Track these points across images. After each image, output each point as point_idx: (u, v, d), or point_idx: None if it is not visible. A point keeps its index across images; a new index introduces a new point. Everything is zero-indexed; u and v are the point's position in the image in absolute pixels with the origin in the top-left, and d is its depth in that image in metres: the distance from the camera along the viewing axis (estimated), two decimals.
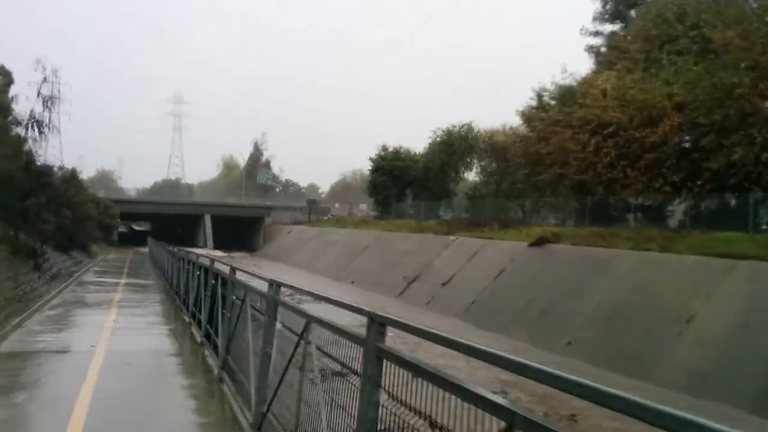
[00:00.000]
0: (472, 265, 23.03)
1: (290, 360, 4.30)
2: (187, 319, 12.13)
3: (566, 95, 31.03)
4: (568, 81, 32.31)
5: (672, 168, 25.30)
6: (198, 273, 11.12)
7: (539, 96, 33.82)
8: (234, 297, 7.40)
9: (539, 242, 20.93)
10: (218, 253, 47.33)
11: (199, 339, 10.09)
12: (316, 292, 4.18)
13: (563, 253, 19.64)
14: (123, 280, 22.10)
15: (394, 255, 28.77)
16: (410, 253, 27.86)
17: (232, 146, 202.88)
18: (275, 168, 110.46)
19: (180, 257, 15.29)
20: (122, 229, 72.81)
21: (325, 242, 39.79)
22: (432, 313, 21.19)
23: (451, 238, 26.27)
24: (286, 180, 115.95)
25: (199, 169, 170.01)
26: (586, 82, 31.46)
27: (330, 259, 35.38)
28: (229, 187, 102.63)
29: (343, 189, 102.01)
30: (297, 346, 4.16)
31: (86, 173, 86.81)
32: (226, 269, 8.34)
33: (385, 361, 2.82)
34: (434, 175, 45.54)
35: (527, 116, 32.50)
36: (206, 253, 41.63)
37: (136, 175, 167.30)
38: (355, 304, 3.33)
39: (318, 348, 3.89)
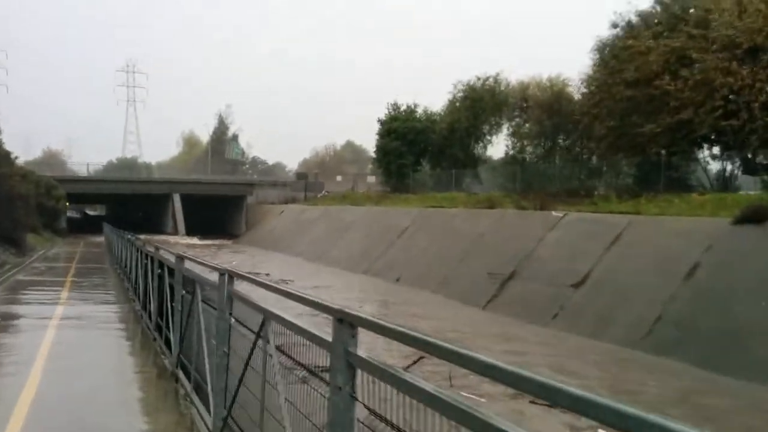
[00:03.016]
0: (618, 256, 14.82)
1: None
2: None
3: (678, 15, 22.78)
4: None
5: None
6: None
7: (620, 24, 25.41)
8: None
9: (755, 217, 12.83)
10: (193, 241, 38.17)
11: None
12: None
13: None
14: (60, 308, 11.42)
15: (459, 240, 20.37)
16: (487, 238, 19.50)
17: (192, 123, 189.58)
18: (242, 143, 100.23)
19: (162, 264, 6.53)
20: (73, 213, 62.57)
21: (336, 224, 30.93)
22: (573, 337, 12.99)
23: (555, 214, 17.99)
24: (254, 157, 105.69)
25: (157, 147, 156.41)
26: None
27: (351, 247, 26.70)
28: (192, 165, 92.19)
29: (317, 165, 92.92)
30: None
31: (32, 155, 75.83)
32: None
33: None
34: (460, 139, 37.09)
35: (618, 48, 24.03)
36: (184, 242, 32.62)
37: (89, 156, 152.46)
38: None
39: None
